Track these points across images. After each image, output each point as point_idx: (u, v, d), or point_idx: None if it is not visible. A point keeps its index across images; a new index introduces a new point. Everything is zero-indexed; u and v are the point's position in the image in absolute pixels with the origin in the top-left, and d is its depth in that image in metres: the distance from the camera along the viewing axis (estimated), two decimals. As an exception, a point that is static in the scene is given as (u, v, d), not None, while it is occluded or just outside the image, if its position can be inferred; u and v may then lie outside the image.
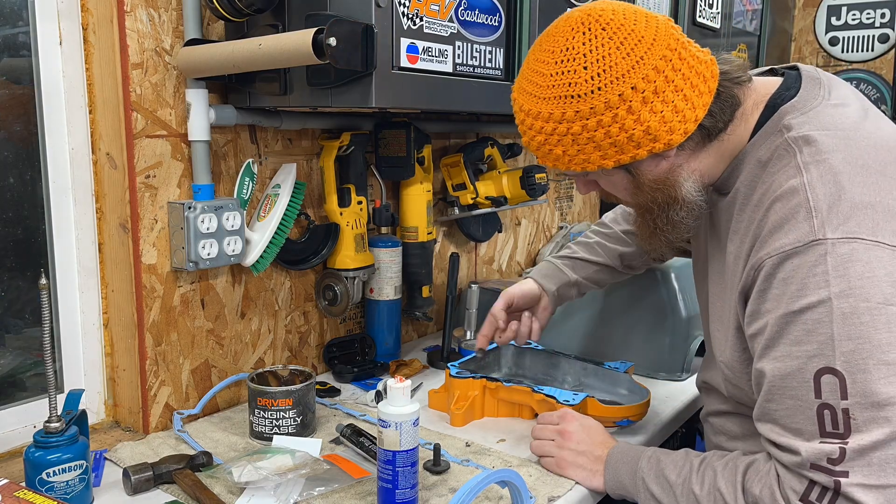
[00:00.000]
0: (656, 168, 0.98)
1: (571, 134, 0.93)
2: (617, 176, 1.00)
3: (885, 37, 3.03)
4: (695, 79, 0.93)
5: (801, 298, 0.85)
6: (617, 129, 0.91)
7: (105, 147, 1.28)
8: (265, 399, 1.24)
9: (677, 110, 0.92)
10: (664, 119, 0.91)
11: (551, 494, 1.10)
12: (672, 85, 0.91)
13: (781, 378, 0.87)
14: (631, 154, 0.94)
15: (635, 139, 0.92)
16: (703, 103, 0.94)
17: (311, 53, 1.05)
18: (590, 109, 0.91)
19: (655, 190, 1.00)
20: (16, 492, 0.90)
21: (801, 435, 0.86)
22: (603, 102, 0.90)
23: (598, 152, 0.94)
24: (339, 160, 1.56)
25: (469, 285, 1.74)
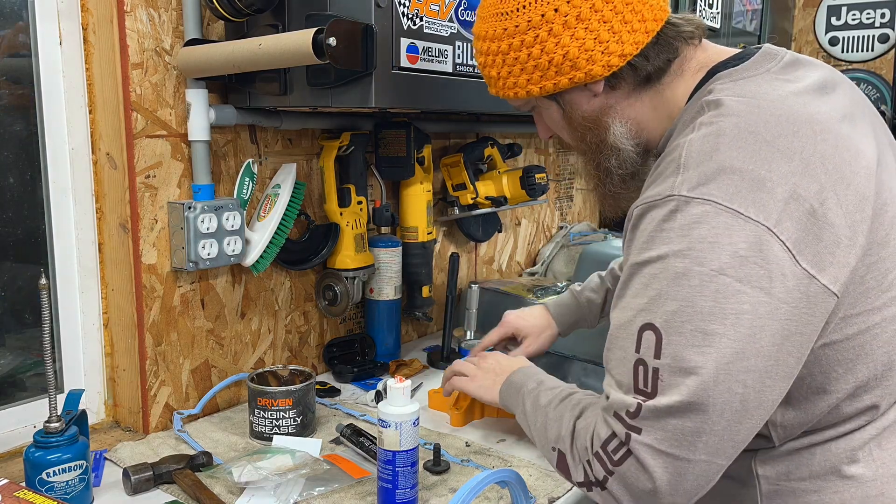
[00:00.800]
0: (587, 104, 0.99)
1: (501, 53, 0.96)
2: (552, 108, 1.02)
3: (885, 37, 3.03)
4: (628, 14, 0.92)
5: (645, 251, 0.83)
6: (538, 50, 0.93)
7: (105, 147, 1.28)
8: (265, 399, 1.24)
9: (600, 40, 0.92)
10: (585, 47, 0.92)
11: (551, 495, 1.10)
12: (598, 14, 0.91)
13: (617, 328, 0.86)
14: (553, 81, 0.95)
15: (555, 63, 0.93)
16: (633, 40, 0.93)
17: (311, 53, 1.05)
18: (514, 27, 0.94)
19: (586, 129, 1.00)
20: (16, 492, 0.90)
21: (620, 386, 0.85)
22: (526, 21, 0.93)
23: (524, 75, 0.96)
24: (339, 160, 1.56)
25: (469, 285, 1.74)
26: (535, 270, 2.25)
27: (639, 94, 0.98)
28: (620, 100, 0.98)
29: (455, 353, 1.67)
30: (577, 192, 2.52)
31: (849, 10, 3.09)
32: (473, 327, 1.74)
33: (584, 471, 0.87)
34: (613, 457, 0.83)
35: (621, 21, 0.92)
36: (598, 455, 0.85)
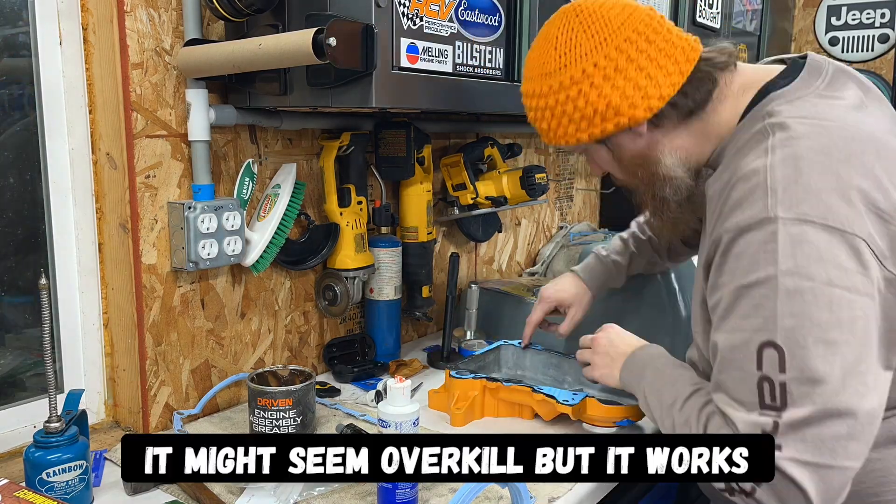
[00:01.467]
0: (633, 144, 1.05)
1: (549, 108, 1.04)
2: (600, 151, 1.09)
3: (885, 37, 3.03)
4: (662, 59, 0.99)
5: (751, 273, 0.88)
6: (583, 102, 1.01)
7: (105, 147, 1.28)
8: (265, 399, 1.24)
9: (639, 87, 0.99)
10: (625, 94, 0.99)
11: (551, 495, 1.10)
12: (633, 63, 0.99)
13: (730, 349, 0.91)
14: (600, 128, 1.02)
15: (600, 112, 1.00)
16: (670, 82, 1.00)
17: (311, 53, 1.05)
18: (559, 84, 1.02)
19: (636, 165, 1.07)
20: (16, 492, 0.90)
21: (743, 406, 0.89)
22: (569, 78, 1.01)
23: (572, 125, 1.03)
24: (339, 160, 1.56)
25: (469, 285, 1.74)
26: (536, 270, 2.25)
27: (685, 126, 1.04)
28: (667, 134, 1.05)
29: (455, 354, 1.67)
30: (577, 193, 2.52)
31: (849, 10, 3.09)
32: (473, 327, 1.73)
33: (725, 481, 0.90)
34: None
35: (656, 66, 0.99)
36: None
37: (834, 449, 0.84)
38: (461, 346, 1.72)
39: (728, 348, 0.91)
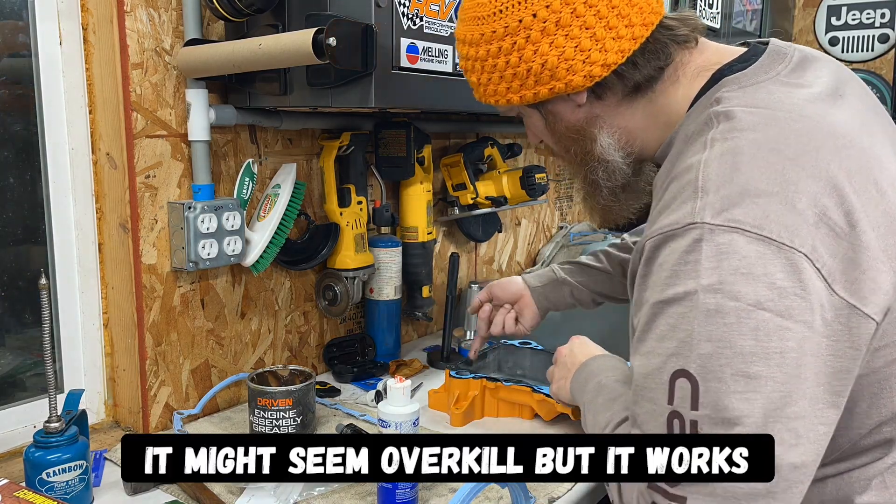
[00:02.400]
0: (571, 115, 0.93)
1: (479, 59, 0.92)
2: (534, 117, 0.97)
3: (885, 37, 3.03)
4: (613, 19, 0.85)
5: (670, 287, 0.74)
6: (516, 58, 0.88)
7: (105, 147, 1.28)
8: (265, 399, 1.24)
9: (581, 49, 0.86)
10: (564, 55, 0.86)
11: (551, 495, 1.10)
12: (580, 20, 0.85)
13: (644, 377, 0.78)
14: (532, 90, 0.90)
15: (533, 73, 0.88)
16: (618, 48, 0.86)
17: (311, 53, 1.05)
18: (491, 33, 0.89)
19: (570, 139, 0.96)
20: (16, 492, 0.90)
21: None
22: (503, 27, 0.87)
23: (503, 83, 0.91)
24: (339, 160, 1.56)
25: (469, 285, 1.74)
26: (535, 270, 2.25)
27: (629, 104, 0.92)
28: (608, 110, 0.92)
29: (455, 354, 1.67)
30: (577, 193, 2.52)
31: (849, 10, 3.09)
32: (473, 327, 1.73)
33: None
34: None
35: (605, 27, 0.85)
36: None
37: (746, 501, 0.71)
38: (461, 346, 1.72)
39: (642, 375, 0.78)
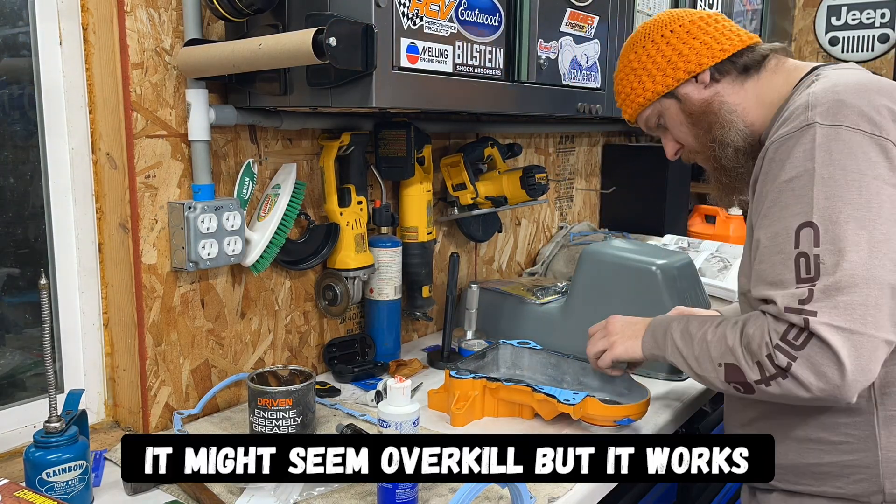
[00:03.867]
0: (699, 94, 1.19)
1: (633, 71, 1.24)
2: (672, 107, 1.22)
3: (885, 37, 3.03)
4: (726, 31, 1.20)
5: (792, 169, 1.00)
6: (659, 56, 1.21)
7: (105, 147, 1.28)
8: (265, 399, 1.24)
9: (705, 43, 1.18)
10: (693, 47, 1.19)
11: (551, 495, 1.10)
12: (702, 30, 1.19)
13: (771, 238, 1.01)
14: (672, 76, 1.19)
15: (672, 62, 1.20)
16: (732, 44, 1.18)
17: (311, 53, 1.05)
18: (643, 48, 1.23)
19: (701, 113, 1.20)
20: (16, 492, 0.90)
21: (782, 285, 0.98)
22: (651, 40, 1.22)
23: (648, 80, 1.22)
24: (339, 160, 1.56)
25: (469, 285, 1.74)
26: (535, 270, 2.25)
27: (741, 83, 1.19)
28: (725, 87, 1.19)
29: (455, 354, 1.67)
30: (577, 192, 2.52)
31: (849, 10, 3.09)
32: (473, 327, 1.73)
33: (763, 367, 0.99)
34: (795, 342, 0.95)
35: (721, 34, 1.19)
36: (779, 346, 0.96)
37: (864, 316, 0.92)
38: (461, 346, 1.72)
39: (769, 237, 1.01)
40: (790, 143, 1.02)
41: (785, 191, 1.01)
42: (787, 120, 1.05)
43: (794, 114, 1.04)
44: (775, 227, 1.01)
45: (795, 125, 1.02)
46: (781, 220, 1.00)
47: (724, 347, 1.06)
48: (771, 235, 1.01)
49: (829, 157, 0.98)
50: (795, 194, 0.99)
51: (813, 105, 1.02)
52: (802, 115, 1.02)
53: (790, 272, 0.97)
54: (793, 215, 0.99)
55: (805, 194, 0.98)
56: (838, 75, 1.09)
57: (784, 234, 0.99)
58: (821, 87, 1.05)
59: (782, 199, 1.01)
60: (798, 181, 0.99)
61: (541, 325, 1.75)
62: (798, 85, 1.15)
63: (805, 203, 0.98)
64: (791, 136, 1.02)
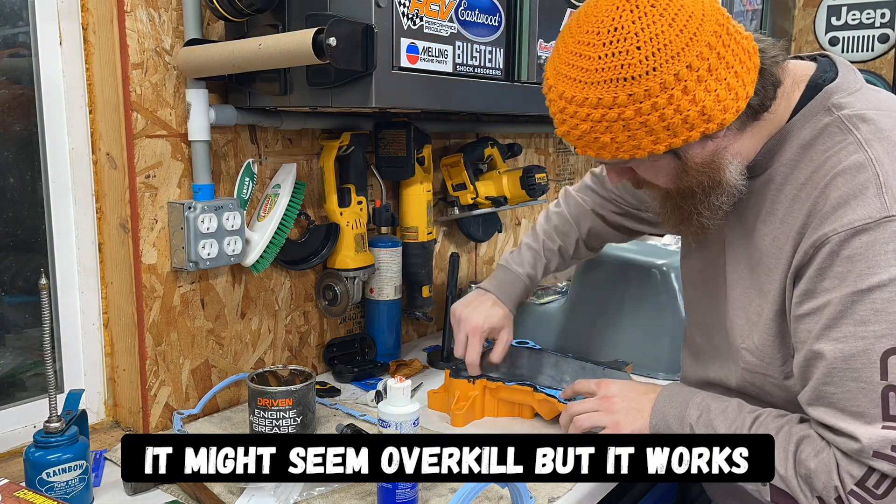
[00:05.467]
0: (703, 150, 0.93)
1: (623, 119, 0.87)
2: (663, 161, 0.95)
3: (885, 37, 3.03)
4: (742, 55, 0.89)
5: (871, 276, 0.83)
6: (672, 111, 0.86)
7: (105, 147, 1.28)
8: (265, 399, 1.24)
9: (730, 88, 0.88)
10: (718, 98, 0.87)
11: (551, 495, 1.10)
12: (724, 62, 0.87)
13: (844, 359, 0.85)
14: (684, 137, 0.88)
15: (690, 121, 0.87)
16: (751, 80, 0.91)
17: (311, 53, 1.05)
18: (644, 92, 0.85)
19: (701, 173, 0.95)
20: (16, 492, 0.90)
21: (862, 418, 0.84)
22: (658, 84, 0.85)
23: (649, 137, 0.88)
24: (339, 160, 1.56)
25: (469, 285, 1.74)
26: (535, 270, 2.25)
27: (749, 128, 0.96)
28: (733, 139, 0.95)
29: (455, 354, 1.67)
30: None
31: (849, 10, 3.09)
32: (473, 327, 1.73)
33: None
34: (876, 491, 0.84)
35: (740, 63, 0.89)
36: (855, 493, 0.85)
37: None
38: (461, 346, 1.71)
39: (840, 358, 0.85)
40: (865, 238, 0.84)
41: (861, 301, 0.84)
42: (848, 198, 0.86)
43: (860, 191, 0.85)
44: (850, 346, 0.85)
45: (869, 213, 0.84)
46: (858, 339, 0.84)
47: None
48: (844, 356, 0.85)
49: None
50: (877, 310, 0.83)
51: (887, 185, 0.84)
52: (877, 200, 0.84)
53: (875, 406, 0.83)
54: (876, 337, 0.83)
55: (892, 312, 0.82)
56: (884, 118, 0.89)
57: (864, 359, 0.84)
58: (882, 148, 0.86)
59: (858, 312, 0.84)
60: (881, 293, 0.82)
61: (541, 325, 1.75)
62: (800, 109, 0.95)
63: (893, 324, 0.82)
64: (866, 229, 0.84)
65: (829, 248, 0.86)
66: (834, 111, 0.92)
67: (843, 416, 0.86)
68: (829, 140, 0.91)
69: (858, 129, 0.89)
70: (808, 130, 0.94)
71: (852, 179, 0.86)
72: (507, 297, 1.44)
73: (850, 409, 0.85)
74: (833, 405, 0.87)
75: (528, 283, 1.46)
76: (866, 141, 0.88)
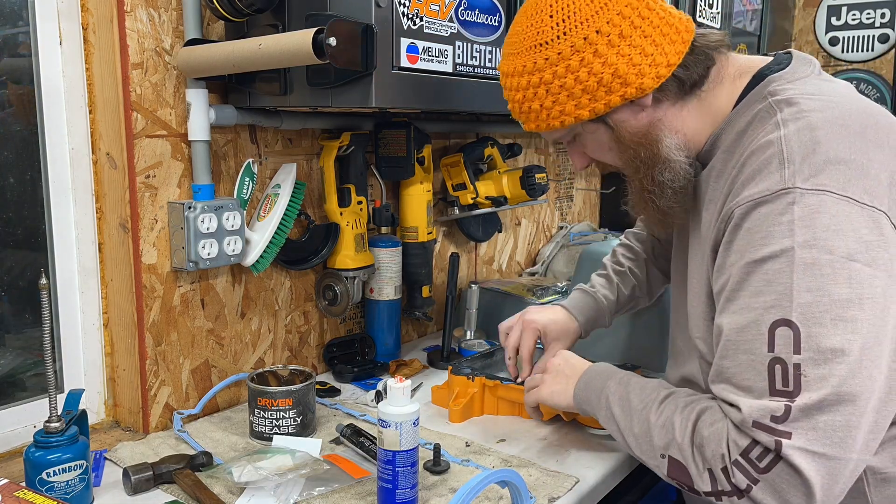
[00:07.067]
0: (635, 121, 0.98)
1: (544, 83, 0.96)
2: (598, 132, 1.01)
3: (885, 37, 3.03)
4: (665, 27, 0.95)
5: (764, 247, 0.84)
6: (585, 73, 0.93)
7: (105, 147, 1.28)
8: (265, 399, 1.24)
9: (646, 54, 0.93)
10: (632, 61, 0.93)
11: (551, 495, 1.10)
12: (639, 31, 0.93)
13: (737, 331, 0.85)
14: (604, 101, 0.95)
15: (605, 83, 0.93)
16: (675, 51, 0.95)
17: (311, 53, 1.05)
18: (557, 55, 0.94)
19: (637, 144, 0.99)
20: (16, 492, 0.90)
21: (750, 392, 0.83)
22: (569, 46, 0.93)
23: (571, 101, 0.95)
24: (339, 160, 1.56)
25: (469, 285, 1.74)
26: (535, 270, 2.25)
27: (682, 105, 1.00)
28: (667, 112, 0.99)
29: (455, 353, 1.67)
30: (577, 193, 2.52)
31: (849, 10, 3.09)
32: (473, 327, 1.73)
33: (716, 478, 0.85)
34: (759, 464, 0.82)
35: (660, 34, 0.94)
36: (739, 463, 0.83)
37: (844, 439, 0.78)
38: (461, 346, 1.72)
39: (735, 330, 0.85)
40: (762, 210, 0.85)
41: (754, 272, 0.84)
42: (754, 173, 0.87)
43: (763, 165, 0.87)
44: (742, 318, 0.84)
45: (768, 187, 0.85)
46: (750, 311, 0.84)
47: (669, 437, 0.92)
48: (737, 328, 0.85)
49: (812, 234, 0.81)
50: (768, 281, 0.83)
51: (790, 160, 0.85)
52: (777, 174, 0.84)
53: (761, 379, 0.82)
54: (765, 308, 0.82)
55: (781, 282, 0.81)
56: (812, 102, 0.90)
57: (753, 330, 0.83)
58: (794, 128, 0.87)
59: (751, 283, 0.84)
60: (772, 264, 0.82)
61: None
62: (744, 97, 0.97)
63: (781, 295, 0.81)
64: (764, 201, 0.85)
65: (734, 222, 0.88)
66: (768, 98, 0.94)
67: (736, 389, 0.85)
68: (759, 125, 0.92)
69: (782, 111, 0.90)
70: (744, 118, 0.96)
71: (760, 156, 0.88)
72: (578, 311, 1.38)
73: (741, 383, 0.85)
74: (728, 380, 0.87)
75: (604, 303, 1.39)
76: (783, 121, 0.89)
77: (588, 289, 1.42)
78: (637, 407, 0.99)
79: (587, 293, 1.41)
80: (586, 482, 1.15)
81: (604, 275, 1.44)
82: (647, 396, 1.00)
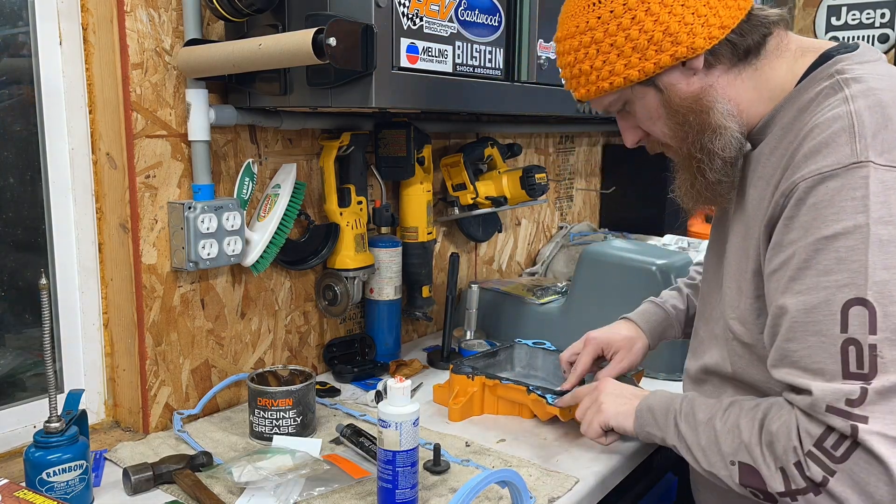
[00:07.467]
0: (686, 85, 0.95)
1: (595, 42, 0.94)
2: (648, 96, 0.97)
3: (885, 37, 3.03)
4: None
5: (836, 223, 0.79)
6: (637, 30, 0.91)
7: (105, 147, 1.28)
8: (265, 399, 1.24)
9: (699, 14, 0.90)
10: (684, 20, 0.90)
11: (551, 495, 1.10)
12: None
13: (806, 312, 0.81)
14: (654, 60, 0.92)
15: (656, 41, 0.91)
16: (730, 15, 0.92)
17: (311, 53, 1.05)
18: (609, 13, 0.93)
19: (688, 110, 0.96)
20: (16, 492, 0.90)
21: (821, 375, 0.79)
22: (622, 4, 0.92)
23: (621, 60, 0.93)
24: (339, 160, 1.56)
25: (469, 285, 1.74)
26: (535, 270, 2.25)
27: (738, 73, 0.96)
28: (720, 77, 0.96)
29: (455, 353, 1.68)
30: (577, 193, 2.52)
31: (849, 10, 3.09)
32: (473, 327, 1.73)
33: (789, 476, 0.82)
34: (834, 453, 0.78)
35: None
36: (812, 454, 0.80)
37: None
38: (461, 346, 1.72)
39: (803, 311, 0.81)
40: (832, 185, 0.80)
41: (824, 250, 0.80)
42: (820, 146, 0.83)
43: (831, 139, 0.82)
44: (812, 297, 0.81)
45: (837, 160, 0.81)
46: (821, 291, 0.80)
47: (737, 441, 0.88)
48: (805, 308, 0.81)
49: (888, 211, 0.77)
50: (840, 258, 0.79)
51: (861, 133, 0.81)
52: (847, 147, 0.81)
53: (834, 362, 0.78)
54: (838, 287, 0.78)
55: (855, 260, 0.78)
56: (881, 81, 0.87)
57: (824, 310, 0.79)
58: (864, 102, 0.83)
59: (822, 261, 0.80)
60: (844, 241, 0.79)
61: (541, 325, 1.75)
62: (807, 77, 0.93)
63: (856, 273, 0.77)
64: (833, 175, 0.80)
65: (796, 197, 0.84)
66: (835, 75, 0.90)
67: (804, 373, 0.82)
68: (824, 100, 0.89)
69: (849, 86, 0.87)
70: (807, 95, 0.92)
71: (827, 129, 0.84)
72: (643, 321, 1.35)
73: (811, 366, 0.81)
74: (795, 364, 0.83)
75: (673, 313, 1.35)
76: (852, 97, 0.85)
77: (657, 300, 1.39)
78: (702, 419, 0.96)
79: (655, 303, 1.38)
80: (586, 482, 1.15)
81: (675, 288, 1.41)
82: (711, 407, 0.96)
